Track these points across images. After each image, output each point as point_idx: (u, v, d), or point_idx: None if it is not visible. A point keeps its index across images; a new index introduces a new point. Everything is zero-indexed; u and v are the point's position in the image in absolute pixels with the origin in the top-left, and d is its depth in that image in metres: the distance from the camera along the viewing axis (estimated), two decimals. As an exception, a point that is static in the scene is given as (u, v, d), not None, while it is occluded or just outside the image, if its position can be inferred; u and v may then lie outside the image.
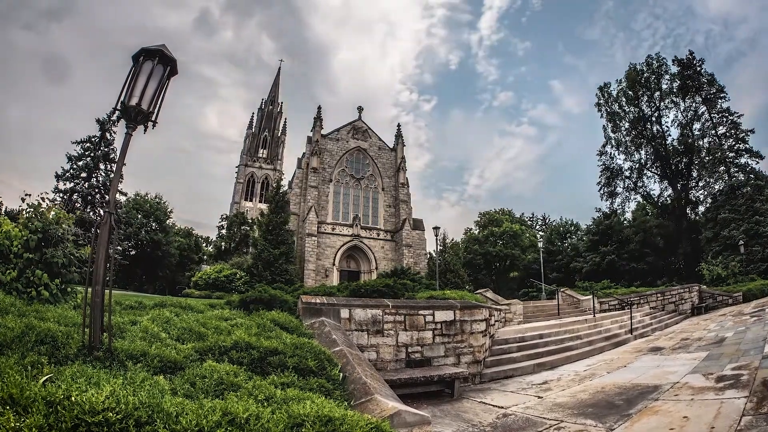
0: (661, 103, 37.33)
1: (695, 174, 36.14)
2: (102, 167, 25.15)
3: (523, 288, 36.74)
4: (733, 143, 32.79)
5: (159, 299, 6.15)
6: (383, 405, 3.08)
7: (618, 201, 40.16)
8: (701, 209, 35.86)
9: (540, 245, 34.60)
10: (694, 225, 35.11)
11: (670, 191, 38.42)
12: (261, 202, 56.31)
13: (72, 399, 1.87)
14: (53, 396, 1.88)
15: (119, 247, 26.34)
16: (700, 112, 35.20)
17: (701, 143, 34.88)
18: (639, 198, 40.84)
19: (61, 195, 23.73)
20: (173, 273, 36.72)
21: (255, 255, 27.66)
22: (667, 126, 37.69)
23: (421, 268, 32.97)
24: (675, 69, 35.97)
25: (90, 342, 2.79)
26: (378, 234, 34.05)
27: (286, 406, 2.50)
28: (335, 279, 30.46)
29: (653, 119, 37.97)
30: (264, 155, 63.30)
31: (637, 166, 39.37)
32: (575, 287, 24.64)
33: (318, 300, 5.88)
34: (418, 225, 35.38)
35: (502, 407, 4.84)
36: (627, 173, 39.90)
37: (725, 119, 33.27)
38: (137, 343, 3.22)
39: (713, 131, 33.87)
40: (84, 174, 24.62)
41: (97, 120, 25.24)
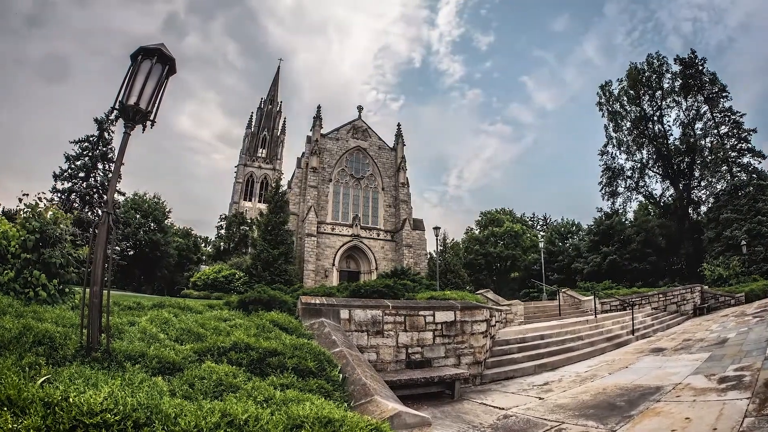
0: (663, 103, 37.24)
1: (697, 174, 36.03)
2: (100, 167, 25.10)
3: (524, 288, 36.65)
4: (736, 143, 32.66)
5: (157, 300, 6.13)
6: (383, 406, 3.06)
7: (619, 201, 40.12)
8: (703, 209, 35.73)
9: (541, 245, 34.52)
10: (696, 225, 34.99)
11: (672, 191, 38.34)
12: (260, 202, 56.26)
13: (70, 400, 1.87)
14: (51, 397, 1.88)
15: (117, 248, 26.24)
16: (702, 111, 35.11)
17: (703, 143, 34.75)
18: (641, 198, 40.81)
19: (59, 195, 23.61)
20: (172, 273, 36.66)
21: (254, 255, 27.65)
22: (669, 125, 37.64)
23: (422, 268, 32.94)
24: (677, 68, 35.87)
25: (88, 343, 2.78)
26: (378, 234, 34.01)
27: (285, 407, 2.49)
28: (335, 279, 30.43)
29: (655, 118, 37.88)
30: (263, 155, 63.23)
31: (639, 165, 39.30)
32: (576, 288, 24.58)
33: (317, 301, 5.86)
34: (418, 225, 35.35)
35: (502, 408, 4.82)
36: (629, 173, 39.83)
37: (727, 118, 33.15)
38: (136, 344, 3.21)
39: (715, 130, 33.75)
40: (82, 174, 24.49)
41: (95, 119, 25.19)
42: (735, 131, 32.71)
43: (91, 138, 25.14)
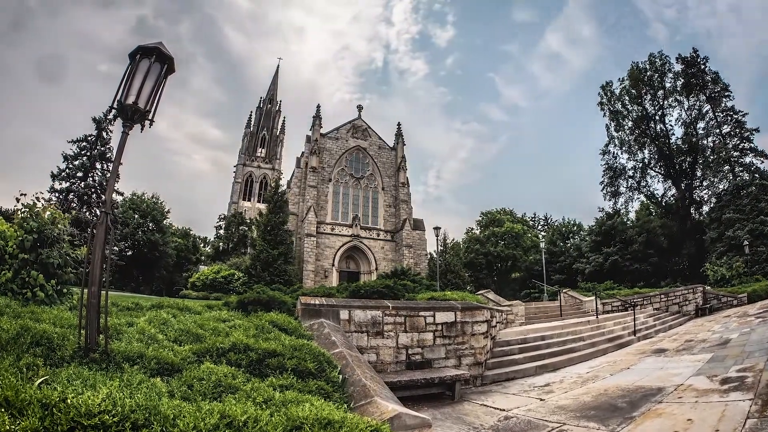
0: (665, 102, 37.15)
1: (699, 173, 35.92)
2: (98, 166, 25.06)
3: (525, 289, 36.60)
4: (738, 142, 32.57)
5: (156, 300, 6.11)
6: (383, 407, 3.04)
7: (621, 201, 39.99)
8: (705, 209, 35.61)
9: (542, 246, 34.48)
10: (698, 225, 34.87)
11: (674, 191, 38.24)
12: (259, 201, 56.15)
13: (68, 401, 1.86)
14: (49, 398, 1.87)
15: (116, 248, 26.26)
16: (704, 110, 35.01)
17: (705, 142, 34.66)
18: (642, 198, 40.66)
19: (57, 195, 23.54)
20: (170, 274, 36.60)
21: (253, 255, 27.64)
22: (671, 125, 37.54)
23: (422, 268, 32.91)
24: (679, 67, 35.81)
25: (86, 344, 2.76)
26: (378, 234, 33.97)
27: (284, 408, 2.48)
28: (334, 280, 30.41)
29: (657, 118, 37.78)
30: (262, 154, 63.14)
31: (641, 165, 39.19)
32: (578, 288, 24.53)
33: (317, 301, 5.84)
34: (418, 225, 35.31)
35: (503, 410, 4.79)
36: (630, 173, 39.72)
37: (730, 118, 33.06)
38: (134, 345, 3.19)
39: (717, 130, 33.65)
40: (80, 173, 24.44)
41: (94, 118, 25.15)
42: (737, 131, 32.62)
43: (90, 137, 25.11)
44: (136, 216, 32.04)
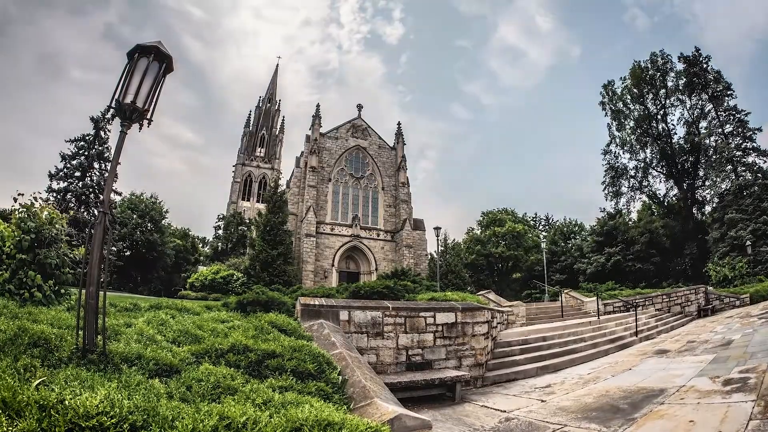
0: (667, 101, 37.03)
1: (702, 173, 35.81)
2: (96, 166, 25.01)
3: (526, 290, 36.51)
4: (741, 142, 32.38)
5: (154, 301, 6.09)
6: (383, 409, 3.02)
7: (623, 201, 39.90)
8: (708, 209, 35.49)
9: (543, 246, 34.40)
10: (700, 225, 34.76)
11: (676, 191, 38.13)
12: (258, 201, 56.08)
13: (65, 403, 1.85)
14: (46, 400, 1.86)
15: (114, 248, 26.20)
16: (706, 110, 34.87)
17: (708, 142, 34.48)
18: (644, 198, 40.57)
19: (55, 194, 23.48)
20: (169, 274, 36.49)
21: (252, 256, 27.58)
22: (673, 124, 37.44)
23: (422, 269, 32.85)
24: (681, 66, 35.66)
25: (84, 345, 2.75)
26: (378, 234, 33.92)
27: (284, 410, 2.46)
28: (334, 280, 30.37)
29: (659, 117, 37.67)
30: (261, 154, 63.08)
31: (643, 165, 39.08)
32: (579, 289, 24.50)
33: (317, 302, 5.82)
34: (418, 225, 35.24)
35: (504, 411, 4.77)
36: (632, 172, 39.62)
37: (732, 117, 32.91)
38: (132, 346, 3.18)
39: (720, 129, 33.49)
40: (78, 173, 24.40)
41: (92, 118, 25.12)
42: (740, 130, 32.46)
43: (87, 137, 25.06)
44: (134, 216, 31.99)
